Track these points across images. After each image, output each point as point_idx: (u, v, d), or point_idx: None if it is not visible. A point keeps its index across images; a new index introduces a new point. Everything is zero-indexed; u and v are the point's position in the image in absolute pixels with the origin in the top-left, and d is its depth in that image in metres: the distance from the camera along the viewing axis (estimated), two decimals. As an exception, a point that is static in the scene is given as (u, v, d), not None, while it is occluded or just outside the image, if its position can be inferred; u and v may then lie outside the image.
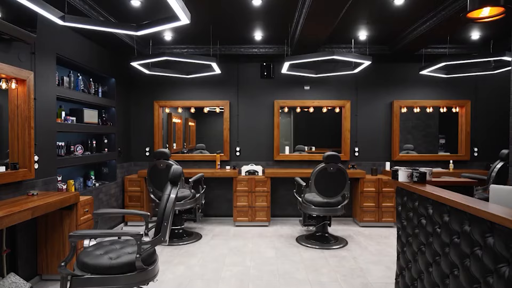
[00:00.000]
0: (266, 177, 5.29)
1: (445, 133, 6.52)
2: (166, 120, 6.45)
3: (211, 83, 5.72)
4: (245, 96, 5.74)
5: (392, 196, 5.30)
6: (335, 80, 5.71)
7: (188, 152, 6.68)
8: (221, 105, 5.69)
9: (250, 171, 5.41)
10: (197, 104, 5.72)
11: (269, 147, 5.75)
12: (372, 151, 5.78)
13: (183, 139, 7.03)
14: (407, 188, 2.62)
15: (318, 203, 4.34)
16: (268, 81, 5.72)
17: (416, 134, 6.37)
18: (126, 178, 5.27)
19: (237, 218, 5.30)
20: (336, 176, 4.23)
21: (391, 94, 5.76)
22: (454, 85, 5.73)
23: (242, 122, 5.75)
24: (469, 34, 4.82)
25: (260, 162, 5.75)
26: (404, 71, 5.74)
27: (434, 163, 5.79)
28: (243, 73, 5.72)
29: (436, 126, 6.46)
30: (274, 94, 5.73)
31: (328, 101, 5.69)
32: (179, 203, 4.42)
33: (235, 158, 5.76)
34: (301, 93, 5.74)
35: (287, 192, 5.72)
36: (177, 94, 5.75)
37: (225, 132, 5.71)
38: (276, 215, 5.72)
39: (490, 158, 5.75)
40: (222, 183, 5.73)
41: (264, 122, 5.75)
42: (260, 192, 5.29)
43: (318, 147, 6.21)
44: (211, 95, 5.74)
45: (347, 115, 5.68)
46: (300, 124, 6.27)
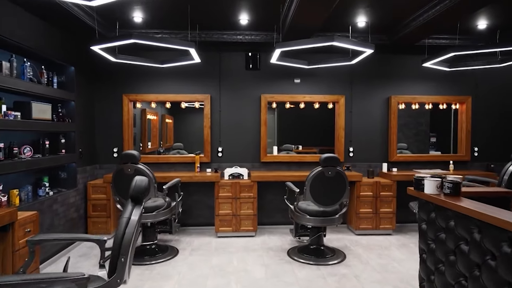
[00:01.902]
0: (252, 181, 4.68)
1: (436, 132, 6.14)
2: (139, 117, 5.73)
3: (190, 75, 5.04)
4: (228, 89, 5.09)
5: (391, 201, 4.81)
6: (329, 73, 5.16)
7: (165, 152, 5.98)
8: (201, 99, 5.02)
9: (234, 175, 4.78)
10: (173, 98, 5.02)
11: (255, 147, 5.14)
12: (367, 151, 5.27)
13: (159, 138, 6.32)
14: (437, 203, 2.08)
15: (314, 212, 3.77)
16: (254, 73, 5.10)
17: (407, 132, 5.93)
18: (89, 184, 4.53)
19: (219, 228, 4.66)
20: (334, 181, 3.68)
21: (388, 89, 5.26)
22: (454, 80, 5.30)
23: (224, 118, 5.10)
24: (475, 23, 4.36)
25: (245, 164, 5.13)
26: (403, 64, 5.25)
27: (433, 164, 5.35)
28: (226, 63, 5.07)
29: (427, 124, 6.06)
30: (261, 87, 5.11)
31: (321, 96, 5.13)
32: (151, 214, 3.74)
33: (217, 159, 5.11)
34: (291, 87, 5.16)
35: (274, 197, 5.14)
36: (150, 86, 5.03)
37: (205, 130, 5.05)
38: (263, 223, 5.12)
39: (490, 159, 5.37)
40: (202, 188, 5.07)
41: (249, 119, 5.13)
42: (246, 199, 4.68)
43: (305, 146, 5.66)
44: (190, 88, 5.06)
45: (341, 112, 5.14)
46: (284, 121, 5.69)
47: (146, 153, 5.64)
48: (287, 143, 5.54)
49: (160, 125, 6.33)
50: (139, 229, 1.97)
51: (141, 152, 5.52)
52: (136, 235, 1.79)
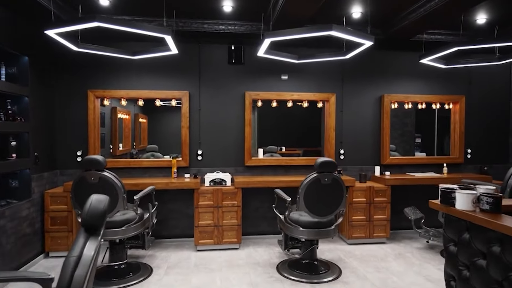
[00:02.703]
0: (236, 187, 4.21)
1: (421, 132, 5.93)
2: (109, 116, 5.12)
3: (166, 69, 4.50)
4: (209, 86, 4.59)
5: (385, 207, 4.48)
6: (319, 70, 4.76)
7: (138, 154, 5.39)
8: (178, 96, 4.49)
9: (215, 181, 4.29)
10: (146, 95, 4.46)
11: (238, 149, 4.66)
12: (359, 153, 4.92)
13: (132, 139, 5.71)
14: (474, 221, 1.69)
15: (307, 224, 3.35)
16: (237, 68, 4.63)
17: (393, 133, 5.64)
18: (47, 193, 3.90)
19: (199, 240, 4.16)
20: (331, 189, 3.27)
21: (381, 87, 4.93)
22: (448, 78, 5.05)
23: (205, 118, 4.60)
24: (474, 18, 4.10)
25: (227, 168, 4.64)
26: (396, 61, 4.94)
27: (426, 166, 5.08)
28: (206, 56, 4.57)
29: (413, 125, 5.82)
30: (245, 84, 4.65)
31: (310, 94, 4.72)
32: (120, 229, 3.19)
33: (196, 163, 4.60)
34: (277, 84, 4.72)
35: (260, 205, 4.69)
36: (120, 81, 4.45)
37: (183, 130, 4.52)
38: (248, 233, 4.66)
39: (483, 161, 5.16)
40: (179, 196, 4.54)
41: (232, 119, 4.65)
42: (229, 207, 4.20)
43: (288, 147, 5.25)
44: (166, 84, 4.52)
45: (331, 111, 4.76)
46: (265, 120, 5.24)
47: (117, 156, 5.04)
48: (270, 145, 5.11)
49: (133, 125, 5.73)
50: (95, 269, 1.45)
51: (112, 154, 4.93)
52: (91, 278, 1.29)
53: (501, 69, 5.15)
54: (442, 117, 5.35)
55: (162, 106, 4.66)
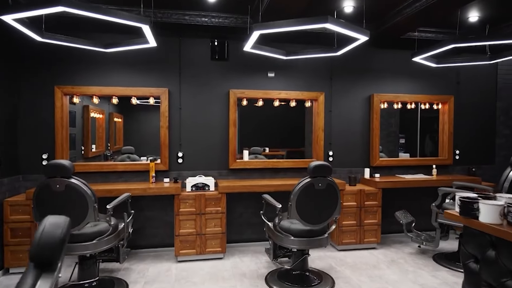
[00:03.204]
0: (220, 192, 3.91)
1: (405, 133, 5.84)
2: (81, 115, 4.68)
3: (143, 64, 4.13)
4: (190, 83, 4.26)
5: (376, 212, 4.30)
6: (306, 67, 4.53)
7: (113, 156, 4.98)
8: (157, 94, 4.14)
9: (197, 185, 3.97)
10: (121, 92, 4.08)
11: (222, 151, 4.36)
12: (348, 155, 4.73)
13: (106, 139, 5.28)
14: (504, 236, 1.48)
15: (299, 232, 3.10)
16: (221, 64, 4.32)
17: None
18: (7, 202, 3.45)
19: (180, 251, 3.82)
20: (325, 194, 3.03)
21: (370, 87, 4.76)
22: (437, 78, 4.94)
23: (186, 117, 4.26)
24: (466, 16, 3.99)
25: (210, 171, 4.33)
26: (386, 59, 4.77)
27: (415, 168, 4.95)
28: (187, 51, 4.24)
29: (397, 125, 5.71)
30: (230, 81, 4.35)
31: (298, 92, 4.48)
32: (90, 243, 2.83)
33: (177, 166, 4.26)
34: (263, 82, 4.45)
35: (244, 210, 4.40)
36: (92, 77, 4.04)
37: (162, 131, 4.17)
38: (232, 241, 4.36)
39: (471, 162, 5.09)
40: (158, 202, 4.19)
41: (216, 118, 4.34)
42: (213, 214, 3.89)
43: (271, 148, 4.99)
44: (143, 80, 4.15)
45: (320, 111, 4.53)
46: (246, 120, 4.96)
47: (90, 158, 4.62)
48: (252, 146, 4.82)
49: (107, 124, 5.30)
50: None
51: (84, 156, 4.50)
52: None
53: (488, 70, 5.09)
54: (424, 118, 5.25)
55: (139, 104, 4.29)
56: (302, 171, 4.54)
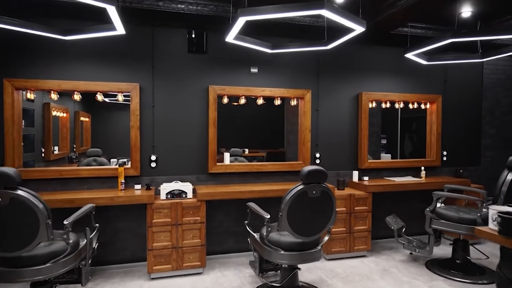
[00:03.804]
0: (199, 200, 3.50)
1: (386, 133, 5.68)
2: (41, 113, 4.12)
3: (110, 55, 3.65)
4: (165, 77, 3.82)
5: (366, 217, 4.04)
6: (292, 63, 4.20)
7: (78, 158, 4.43)
8: (126, 90, 3.67)
9: (173, 192, 3.54)
10: (84, 87, 3.58)
11: (201, 154, 3.95)
12: (336, 157, 4.45)
13: (71, 140, 4.72)
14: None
15: (289, 246, 2.76)
16: (199, 58, 3.91)
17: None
18: None
19: (154, 267, 3.38)
20: (320, 203, 2.70)
21: (358, 85, 4.50)
22: (425, 77, 4.76)
23: (159, 116, 3.82)
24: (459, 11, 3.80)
25: (188, 176, 3.91)
26: (374, 55, 4.53)
27: (404, 170, 4.74)
28: (161, 42, 3.79)
29: (379, 125, 5.54)
30: (209, 77, 3.94)
31: (283, 89, 4.14)
32: (43, 267, 2.35)
33: (150, 171, 3.81)
34: (246, 78, 4.08)
35: (224, 218, 4.02)
36: (50, 69, 3.52)
37: (132, 131, 3.71)
38: (212, 252, 3.97)
39: (458, 163, 4.96)
40: (128, 211, 3.73)
41: (193, 118, 3.92)
42: (191, 224, 3.48)
43: (251, 149, 4.63)
44: (110, 74, 3.67)
45: (307, 110, 4.22)
46: (221, 119, 4.54)
47: (51, 161, 4.08)
48: (230, 147, 4.42)
49: (73, 124, 4.74)
50: None
51: (45, 159, 3.96)
52: None
53: (474, 69, 4.98)
54: (404, 118, 5.09)
55: (109, 102, 3.82)
56: (286, 174, 4.22)
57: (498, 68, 5.12)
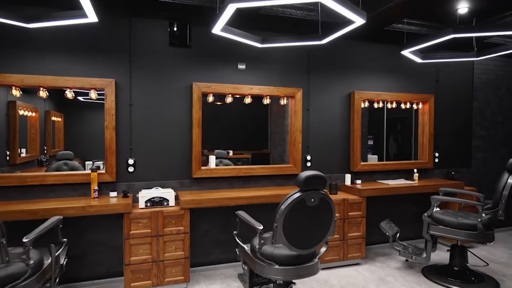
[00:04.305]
0: (182, 208, 3.18)
1: (373, 134, 5.54)
2: (5, 112, 3.68)
3: (82, 47, 3.28)
4: (144, 73, 3.47)
5: (360, 223, 3.83)
6: (282, 59, 3.95)
7: (49, 161, 4.01)
8: (100, 86, 3.30)
9: (154, 200, 3.20)
10: (52, 82, 3.19)
11: (184, 157, 3.62)
12: (327, 159, 4.22)
13: (41, 142, 4.28)
14: None
15: (285, 259, 2.49)
16: (182, 52, 3.58)
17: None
18: None
19: (131, 283, 3.04)
20: (318, 212, 2.44)
21: (350, 83, 4.29)
22: (417, 76, 4.61)
23: (138, 116, 3.47)
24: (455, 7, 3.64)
25: (170, 182, 3.57)
26: (367, 53, 4.34)
27: (396, 172, 4.57)
28: (140, 35, 3.45)
29: (366, 126, 5.39)
30: (192, 73, 3.63)
31: (273, 88, 3.87)
32: (-4, 294, 1.98)
33: (127, 177, 3.45)
34: (233, 75, 3.78)
35: (210, 226, 3.71)
36: (10, 62, 3.11)
37: (107, 132, 3.34)
38: (197, 264, 3.65)
39: (450, 165, 4.84)
40: (103, 221, 3.36)
41: (175, 117, 3.59)
42: (173, 235, 3.15)
43: (235, 151, 4.34)
44: (82, 68, 3.29)
45: (297, 109, 3.97)
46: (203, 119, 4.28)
47: (18, 165, 3.65)
48: (213, 148, 4.11)
49: (43, 124, 4.31)
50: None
51: (10, 163, 3.54)
52: None
53: (464, 69, 4.88)
54: (389, 119, 4.94)
55: (83, 101, 3.44)
56: (275, 178, 3.96)
57: (488, 68, 5.05)
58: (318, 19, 3.43)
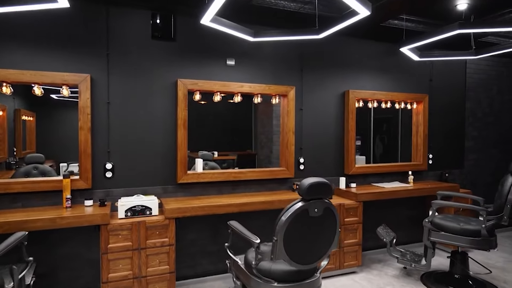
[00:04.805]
0: (166, 217, 2.87)
1: (360, 134, 5.39)
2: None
3: (53, 38, 2.91)
4: (123, 68, 3.14)
5: (357, 229, 3.62)
6: (274, 55, 3.69)
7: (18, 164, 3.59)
8: (73, 82, 2.94)
9: (135, 209, 2.88)
10: (17, 77, 2.81)
11: (168, 160, 3.31)
12: (320, 162, 4.00)
13: (10, 143, 3.84)
14: None
15: (283, 275, 2.23)
16: (166, 46, 3.27)
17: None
18: None
19: (110, 304, 2.71)
20: (322, 223, 2.20)
21: (344, 82, 4.08)
22: (410, 75, 4.46)
23: (117, 115, 3.13)
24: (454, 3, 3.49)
25: (153, 188, 3.25)
26: (361, 50, 4.15)
27: (391, 175, 4.40)
28: (119, 26, 3.11)
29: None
30: (178, 68, 3.31)
31: (265, 86, 3.61)
32: None
33: (104, 183, 3.10)
34: (221, 71, 3.50)
35: (197, 236, 3.41)
36: (-32, 54, 2.72)
37: (82, 134, 2.99)
38: (183, 277, 3.34)
39: (443, 166, 4.72)
40: (77, 233, 3.00)
41: (159, 117, 3.27)
42: (157, 248, 2.84)
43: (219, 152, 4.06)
44: (52, 61, 2.92)
45: (290, 109, 3.72)
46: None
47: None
48: (196, 149, 3.81)
49: (11, 124, 3.88)
50: None
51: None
52: None
53: (458, 68, 4.78)
54: (376, 119, 4.78)
55: (57, 99, 3.08)
56: (267, 183, 3.70)
57: (480, 68, 4.97)
58: (315, 12, 3.19)
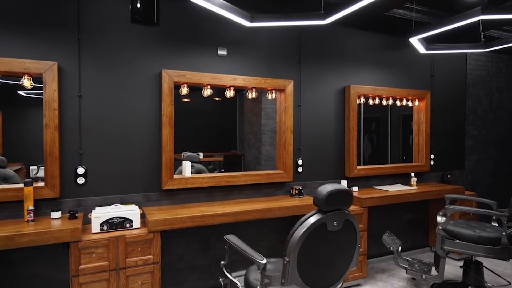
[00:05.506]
0: (150, 231, 2.44)
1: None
2: None
3: (11, 18, 2.43)
4: (98, 55, 2.68)
5: (361, 237, 3.30)
6: (269, 46, 3.32)
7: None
8: (36, 71, 2.46)
9: (113, 221, 2.43)
10: (-34, 64, 2.31)
11: (151, 164, 2.87)
12: (320, 163, 3.65)
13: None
14: None
15: (294, 301, 1.85)
16: (148, 32, 2.83)
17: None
18: None
19: (81, 337, 2.26)
20: (341, 238, 1.84)
21: (344, 76, 3.76)
22: (412, 70, 4.20)
23: (90, 111, 2.67)
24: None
25: (133, 196, 2.81)
26: (363, 42, 3.84)
27: (392, 177, 4.11)
28: (92, 6, 2.65)
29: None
30: (162, 57, 2.88)
31: (260, 79, 3.22)
32: None
33: (76, 191, 2.64)
34: (212, 62, 3.09)
35: (185, 249, 3.00)
36: None
37: (48, 133, 2.51)
38: (169, 298, 2.92)
39: (445, 167, 4.48)
40: (42, 253, 2.53)
41: (140, 113, 2.83)
42: (139, 267, 2.41)
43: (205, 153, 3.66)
44: (11, 46, 2.43)
45: (288, 105, 3.36)
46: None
47: None
48: (180, 150, 3.38)
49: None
50: None
51: None
52: None
53: (458, 64, 4.55)
54: (367, 118, 4.50)
55: (26, 96, 2.60)
56: (262, 187, 3.33)
57: (479, 64, 4.77)
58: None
